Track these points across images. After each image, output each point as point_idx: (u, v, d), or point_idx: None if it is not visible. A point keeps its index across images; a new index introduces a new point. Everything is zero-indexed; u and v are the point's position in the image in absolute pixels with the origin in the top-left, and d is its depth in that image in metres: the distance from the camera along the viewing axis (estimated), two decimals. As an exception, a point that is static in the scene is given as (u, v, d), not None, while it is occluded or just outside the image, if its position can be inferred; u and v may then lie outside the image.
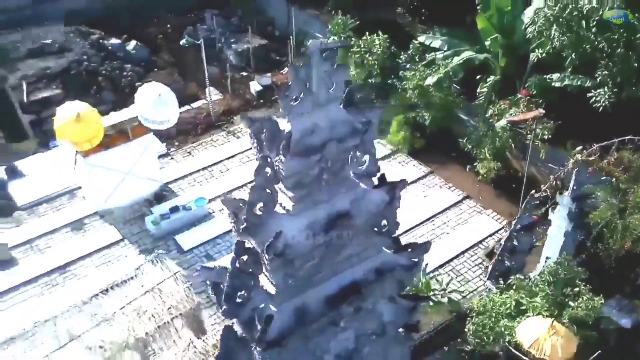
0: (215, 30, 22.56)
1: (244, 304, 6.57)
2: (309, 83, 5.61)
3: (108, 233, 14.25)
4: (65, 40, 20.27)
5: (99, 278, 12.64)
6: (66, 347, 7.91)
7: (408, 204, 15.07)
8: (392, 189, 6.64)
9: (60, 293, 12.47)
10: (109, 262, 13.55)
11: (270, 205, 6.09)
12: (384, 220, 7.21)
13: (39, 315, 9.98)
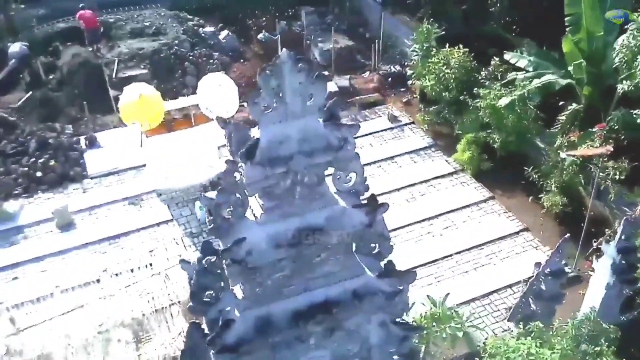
0: (307, 27, 22.83)
1: (212, 304, 6.57)
2: (281, 93, 5.48)
3: (160, 212, 14.88)
4: (162, 24, 21.41)
5: (141, 252, 13.27)
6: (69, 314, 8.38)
7: (459, 227, 14.55)
8: (372, 211, 6.35)
9: (103, 261, 13.18)
10: (155, 240, 14.14)
11: (239, 210, 6.03)
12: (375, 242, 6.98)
13: (75, 279, 10.54)
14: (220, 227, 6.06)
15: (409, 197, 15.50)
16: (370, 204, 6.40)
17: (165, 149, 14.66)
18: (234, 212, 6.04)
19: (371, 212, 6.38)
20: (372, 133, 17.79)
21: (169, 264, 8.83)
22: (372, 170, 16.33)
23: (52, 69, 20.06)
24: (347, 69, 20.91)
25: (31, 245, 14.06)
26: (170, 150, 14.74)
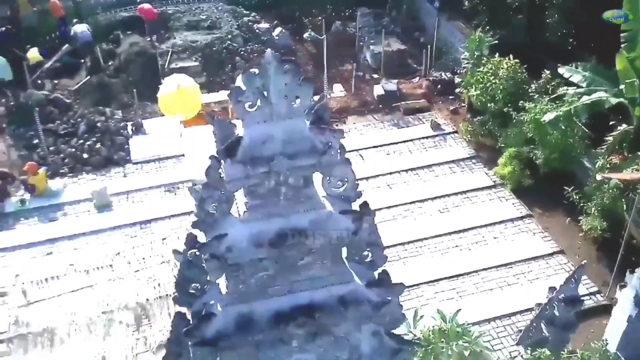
0: (362, 28, 22.74)
1: (196, 296, 6.66)
2: (266, 93, 5.48)
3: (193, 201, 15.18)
4: (218, 18, 21.87)
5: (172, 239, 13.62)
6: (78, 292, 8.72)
7: (490, 243, 14.11)
8: (358, 219, 6.25)
9: (132, 244, 13.61)
10: (186, 229, 14.46)
11: (224, 206, 6.08)
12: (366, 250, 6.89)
13: (99, 259, 10.88)
14: (204, 222, 6.13)
15: (442, 207, 15.16)
16: (357, 211, 6.30)
17: (203, 141, 14.94)
18: (219, 208, 6.09)
19: (358, 219, 6.28)
20: (412, 139, 17.51)
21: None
22: (407, 177, 16.10)
23: (111, 56, 20.88)
24: (396, 73, 20.67)
25: (69, 223, 14.70)
26: (208, 142, 14.98)
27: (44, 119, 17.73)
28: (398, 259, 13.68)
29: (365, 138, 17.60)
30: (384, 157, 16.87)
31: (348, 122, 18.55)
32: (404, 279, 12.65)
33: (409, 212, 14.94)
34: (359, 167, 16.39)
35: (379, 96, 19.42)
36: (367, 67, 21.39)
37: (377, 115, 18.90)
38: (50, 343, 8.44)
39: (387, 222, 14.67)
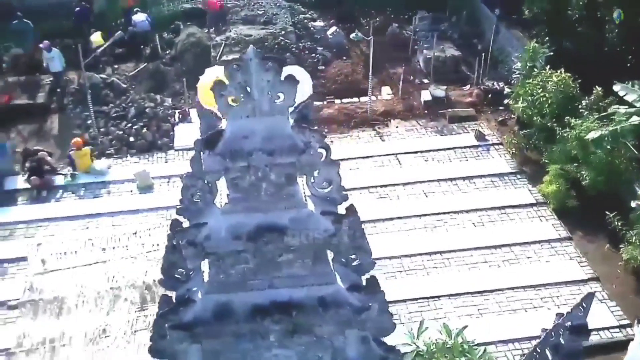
0: (419, 32, 22.44)
1: (182, 281, 6.80)
2: (249, 88, 5.52)
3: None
4: (275, 14, 22.13)
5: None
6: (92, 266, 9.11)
7: (521, 263, 13.60)
8: (338, 221, 6.19)
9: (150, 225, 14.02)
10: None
11: (208, 196, 6.17)
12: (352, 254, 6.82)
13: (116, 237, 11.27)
14: (187, 209, 6.25)
15: (477, 220, 14.72)
16: (338, 213, 6.24)
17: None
18: (202, 197, 6.19)
19: (338, 222, 6.21)
20: (454, 148, 17.11)
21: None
22: (445, 186, 15.73)
23: (170, 45, 21.57)
24: (448, 80, 20.26)
25: (111, 201, 15.33)
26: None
27: (99, 101, 18.58)
28: (422, 269, 13.40)
29: (406, 143, 17.36)
30: (422, 164, 16.58)
31: (391, 126, 18.35)
32: (423, 290, 12.64)
33: (441, 222, 14.61)
34: (396, 172, 16.23)
35: (426, 101, 19.10)
36: (418, 72, 21.07)
37: (422, 120, 18.59)
38: (58, 311, 8.87)
39: (417, 230, 14.41)
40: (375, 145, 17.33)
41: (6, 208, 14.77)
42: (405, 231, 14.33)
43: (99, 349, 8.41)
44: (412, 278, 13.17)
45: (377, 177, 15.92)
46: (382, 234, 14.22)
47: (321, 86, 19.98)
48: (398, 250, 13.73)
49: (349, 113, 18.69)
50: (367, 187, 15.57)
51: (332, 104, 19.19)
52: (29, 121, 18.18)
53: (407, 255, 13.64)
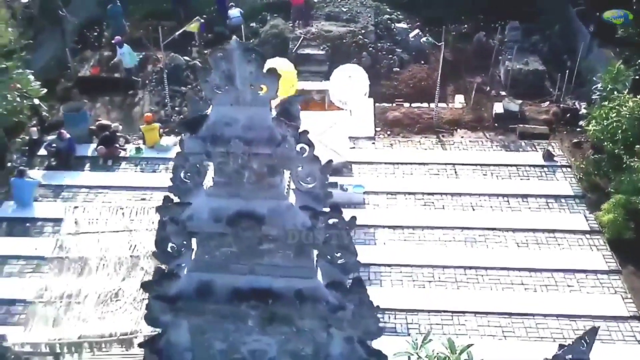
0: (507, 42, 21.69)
1: (174, 256, 7.20)
2: (232, 78, 5.77)
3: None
4: (358, 12, 22.25)
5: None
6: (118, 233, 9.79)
7: (560, 290, 12.97)
8: (315, 217, 6.31)
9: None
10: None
11: (196, 177, 6.50)
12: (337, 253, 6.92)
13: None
14: (177, 188, 6.62)
15: (522, 241, 14.15)
16: (315, 209, 6.35)
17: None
18: (191, 178, 6.53)
19: (314, 217, 6.34)
20: (518, 165, 16.48)
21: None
22: (496, 202, 15.24)
23: (254, 35, 22.32)
24: (527, 94, 19.47)
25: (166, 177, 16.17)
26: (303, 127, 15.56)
27: (179, 81, 19.62)
28: (453, 282, 13.11)
29: (468, 154, 16.94)
30: (479, 178, 16.12)
31: (456, 135, 17.96)
32: (450, 303, 12.38)
33: (483, 238, 14.19)
34: (449, 182, 15.91)
35: (498, 114, 18.48)
36: (497, 83, 20.43)
37: (490, 133, 18.04)
38: (80, 271, 9.61)
39: (456, 242, 14.09)
40: (434, 153, 17.04)
41: (75, 172, 16.03)
42: (443, 242, 14.05)
43: (109, 310, 9.06)
44: (441, 290, 12.91)
45: (428, 185, 15.69)
46: (418, 241, 14.04)
47: (392, 88, 19.90)
48: (432, 260, 13.51)
49: (414, 118, 18.49)
50: (414, 193, 15.39)
51: (399, 107, 19.06)
52: (113, 94, 19.55)
53: (440, 266, 13.39)
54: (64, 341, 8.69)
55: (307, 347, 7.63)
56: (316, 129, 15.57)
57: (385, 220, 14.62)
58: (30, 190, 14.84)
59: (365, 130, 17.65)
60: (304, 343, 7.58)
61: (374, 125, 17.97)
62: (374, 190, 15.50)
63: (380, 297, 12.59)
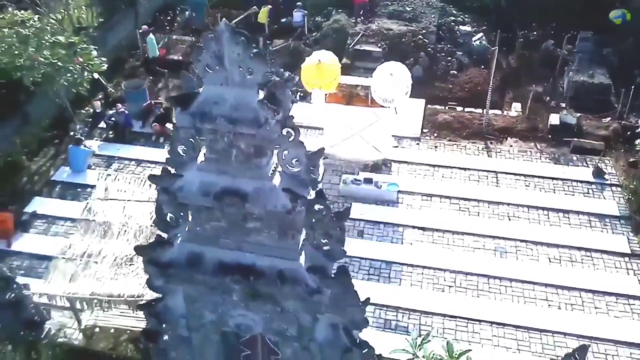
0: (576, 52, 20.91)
1: (172, 225, 7.61)
2: (222, 59, 6.06)
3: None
4: (422, 13, 22.08)
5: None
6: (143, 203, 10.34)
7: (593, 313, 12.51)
8: (294, 199, 6.51)
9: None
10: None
11: (191, 152, 6.86)
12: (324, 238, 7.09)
13: None
14: (173, 160, 6.99)
15: (555, 257, 13.69)
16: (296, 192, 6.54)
17: (341, 119, 15.73)
18: (187, 152, 6.89)
19: (294, 200, 6.52)
20: (564, 180, 15.90)
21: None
22: (534, 215, 14.80)
23: (317, 28, 22.65)
24: (587, 107, 18.68)
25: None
26: (345, 121, 15.76)
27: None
28: (474, 289, 12.90)
29: (513, 163, 16.51)
30: (522, 189, 15.67)
31: (505, 143, 17.52)
32: (468, 310, 12.23)
33: (514, 249, 13.84)
34: (488, 190, 15.58)
35: (553, 125, 17.87)
36: (558, 94, 19.73)
37: (542, 144, 17.48)
38: (103, 234, 10.27)
39: (485, 250, 13.82)
40: (479, 159, 16.72)
41: (129, 146, 16.94)
42: (472, 248, 13.82)
43: (121, 272, 9.64)
44: (461, 296, 12.74)
45: (466, 190, 15.44)
46: (446, 245, 13.89)
47: (447, 91, 19.66)
48: (456, 265, 13.34)
49: (464, 122, 18.19)
50: (450, 197, 15.20)
51: (450, 111, 18.82)
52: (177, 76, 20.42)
53: (463, 272, 13.20)
54: (77, 296, 9.40)
55: (291, 328, 7.84)
56: (358, 124, 15.76)
57: (416, 220, 14.54)
58: (84, 158, 15.85)
59: (412, 130, 17.56)
60: (287, 323, 7.80)
61: (421, 126, 17.84)
62: (409, 190, 15.44)
63: (396, 296, 12.68)
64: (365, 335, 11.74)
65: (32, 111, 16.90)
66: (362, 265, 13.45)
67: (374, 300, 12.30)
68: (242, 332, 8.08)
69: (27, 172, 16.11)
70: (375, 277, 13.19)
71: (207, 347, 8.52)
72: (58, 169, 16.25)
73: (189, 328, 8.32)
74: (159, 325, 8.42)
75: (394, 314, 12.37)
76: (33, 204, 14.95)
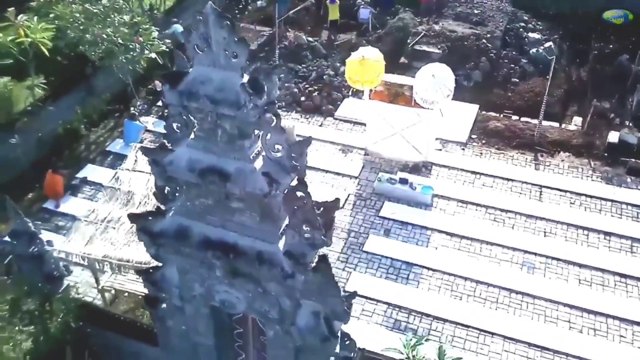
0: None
1: (169, 198, 8.00)
2: (210, 41, 6.31)
3: (353, 167, 16.18)
4: (490, 16, 21.50)
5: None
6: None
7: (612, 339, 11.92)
8: (271, 183, 6.67)
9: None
10: (328, 184, 15.71)
11: (184, 129, 7.18)
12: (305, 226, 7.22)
13: None
14: (169, 135, 7.35)
15: (585, 278, 13.05)
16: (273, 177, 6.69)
17: (384, 117, 15.67)
18: (181, 129, 7.22)
19: (271, 184, 6.69)
20: (613, 200, 15.11)
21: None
22: (571, 233, 14.17)
23: (382, 26, 22.56)
24: (650, 127, 17.59)
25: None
26: (388, 120, 15.70)
27: (297, 59, 20.55)
28: (493, 302, 12.54)
29: (560, 179, 15.81)
30: (565, 205, 15.00)
31: (557, 157, 16.80)
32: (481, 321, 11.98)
33: (543, 266, 13.31)
34: (529, 203, 15.03)
35: (610, 144, 16.94)
36: (625, 111, 18.64)
37: (596, 162, 16.62)
38: (125, 202, 10.87)
39: (513, 264, 13.40)
40: (524, 171, 16.15)
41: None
42: (498, 260, 13.42)
43: (134, 240, 10.16)
44: (477, 306, 12.44)
45: (504, 201, 14.98)
46: (472, 254, 13.57)
47: (505, 98, 19.08)
48: (479, 275, 13.02)
49: (516, 132, 17.60)
50: (487, 207, 14.81)
51: (504, 119, 18.26)
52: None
53: (485, 283, 12.87)
54: (91, 257, 10.03)
55: (273, 310, 8.02)
56: (399, 123, 15.65)
57: (446, 226, 14.30)
58: (137, 132, 16.73)
59: (459, 134, 17.22)
60: (269, 305, 7.99)
61: (469, 132, 17.44)
62: (445, 194, 15.19)
63: (411, 298, 12.56)
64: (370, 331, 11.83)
65: (97, 85, 17.98)
66: (382, 264, 13.40)
67: (387, 300, 12.53)
68: (226, 309, 8.36)
69: (86, 140, 17.22)
70: (394, 276, 13.11)
71: (198, 319, 8.89)
72: (114, 141, 17.24)
73: (181, 298, 8.71)
74: (156, 292, 8.87)
75: (405, 315, 12.27)
76: (85, 171, 15.99)
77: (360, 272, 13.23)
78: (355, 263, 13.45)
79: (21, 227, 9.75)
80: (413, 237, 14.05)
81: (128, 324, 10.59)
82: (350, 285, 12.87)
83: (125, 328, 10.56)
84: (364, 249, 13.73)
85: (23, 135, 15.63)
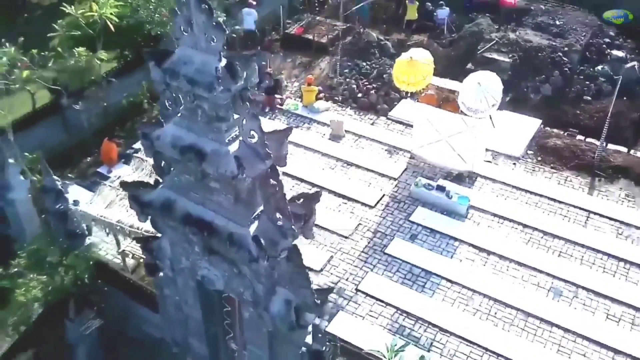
0: None
1: (165, 172, 8.41)
2: (192, 24, 6.58)
3: (395, 169, 16.00)
4: (572, 29, 20.34)
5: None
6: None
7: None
8: (240, 166, 6.86)
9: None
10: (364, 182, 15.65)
11: (174, 107, 7.54)
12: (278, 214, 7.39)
13: None
14: (162, 112, 7.75)
15: (614, 314, 12.23)
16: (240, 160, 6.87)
17: (432, 122, 15.39)
18: (172, 107, 7.58)
19: (240, 167, 6.87)
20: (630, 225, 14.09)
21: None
22: (612, 265, 13.30)
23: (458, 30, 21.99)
24: None
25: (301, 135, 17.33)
26: (435, 124, 15.40)
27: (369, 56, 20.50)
28: (507, 323, 12.03)
29: (614, 207, 14.86)
30: (610, 235, 14.06)
31: (616, 184, 15.70)
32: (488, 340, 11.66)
33: (571, 295, 12.58)
34: (570, 228, 14.23)
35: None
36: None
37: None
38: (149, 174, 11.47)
39: (529, 284, 12.89)
40: (576, 194, 15.27)
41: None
42: (523, 282, 12.84)
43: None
44: (488, 325, 11.98)
45: (544, 223, 14.28)
46: (497, 271, 13.10)
47: (573, 116, 18.06)
48: (499, 294, 12.54)
49: (576, 152, 16.63)
50: (524, 226, 14.20)
51: (566, 137, 17.28)
52: (306, 53, 21.33)
53: (503, 303, 12.37)
54: (106, 220, 10.70)
55: (247, 292, 8.26)
56: (446, 130, 15.29)
57: (476, 239, 13.85)
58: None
59: (513, 148, 16.54)
60: (244, 287, 8.24)
61: (526, 147, 16.70)
62: (483, 207, 14.70)
63: (422, 306, 12.31)
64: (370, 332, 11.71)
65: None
66: (402, 268, 13.22)
67: (397, 304, 12.36)
68: (206, 285, 8.68)
69: (148, 114, 18.20)
70: (410, 282, 12.91)
71: (187, 291, 9.29)
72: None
73: (173, 270, 9.14)
74: (152, 260, 9.36)
75: (412, 322, 12.06)
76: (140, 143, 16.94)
77: (377, 274, 13.13)
78: (374, 264, 13.36)
79: (50, 184, 10.57)
80: (439, 246, 13.74)
81: (137, 288, 11.21)
82: (363, 285, 12.82)
83: (134, 292, 11.19)
84: (385, 251, 13.61)
85: (90, 103, 16.80)
